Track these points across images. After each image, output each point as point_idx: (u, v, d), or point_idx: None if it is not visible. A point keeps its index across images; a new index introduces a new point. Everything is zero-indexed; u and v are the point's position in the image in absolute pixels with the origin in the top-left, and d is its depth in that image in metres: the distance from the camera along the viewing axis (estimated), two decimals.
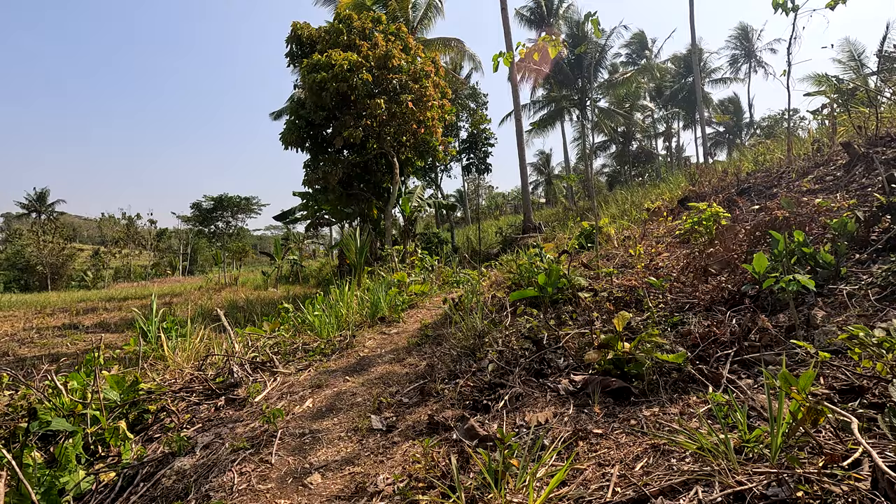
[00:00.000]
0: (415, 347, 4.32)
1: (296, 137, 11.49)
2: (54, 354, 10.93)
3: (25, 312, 19.59)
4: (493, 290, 6.46)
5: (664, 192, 16.63)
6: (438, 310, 6.97)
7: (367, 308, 6.11)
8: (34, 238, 43.03)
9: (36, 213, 71.51)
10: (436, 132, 12.06)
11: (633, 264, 5.72)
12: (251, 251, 43.96)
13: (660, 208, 10.90)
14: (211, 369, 4.77)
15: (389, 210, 12.28)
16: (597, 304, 3.97)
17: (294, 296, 19.04)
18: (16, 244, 44.06)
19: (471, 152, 18.85)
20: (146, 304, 20.98)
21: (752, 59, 52.00)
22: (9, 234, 55.27)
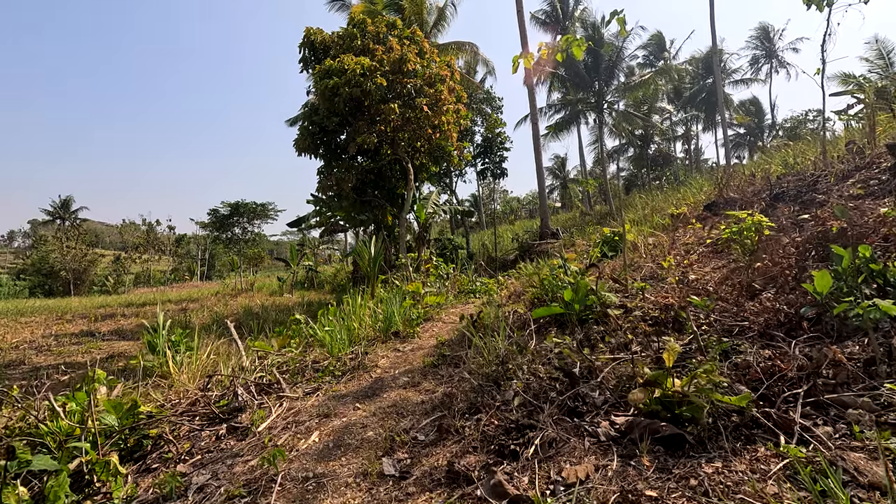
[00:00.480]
0: (431, 369, 4.00)
1: (309, 143, 11.33)
2: (68, 364, 10.89)
3: (47, 318, 19.81)
4: (512, 304, 6.13)
5: (686, 197, 16.09)
6: (455, 322, 6.66)
7: (381, 322, 5.83)
8: (58, 244, 43.97)
9: (60, 220, 73.16)
10: (451, 137, 11.78)
11: (663, 276, 5.34)
12: (267, 257, 44.20)
13: (685, 214, 10.44)
14: (216, 388, 4.53)
15: (404, 216, 12.03)
16: (630, 324, 3.62)
17: (309, 302, 18.93)
18: (41, 250, 45.08)
19: (486, 157, 18.54)
20: (164, 309, 21.08)
21: (773, 59, 50.84)
22: (35, 240, 56.62)
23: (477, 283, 10.68)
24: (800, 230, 4.28)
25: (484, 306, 7.13)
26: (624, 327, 3.63)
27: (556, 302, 4.37)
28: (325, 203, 12.20)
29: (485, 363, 3.26)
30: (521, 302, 6.53)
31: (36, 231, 74.37)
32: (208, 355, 5.86)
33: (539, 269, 7.60)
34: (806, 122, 52.15)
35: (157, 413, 3.90)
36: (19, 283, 45.66)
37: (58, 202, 74.64)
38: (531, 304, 5.30)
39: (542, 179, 17.76)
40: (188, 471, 2.82)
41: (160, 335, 6.45)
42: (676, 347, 2.19)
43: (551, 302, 4.50)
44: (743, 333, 3.01)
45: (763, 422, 2.00)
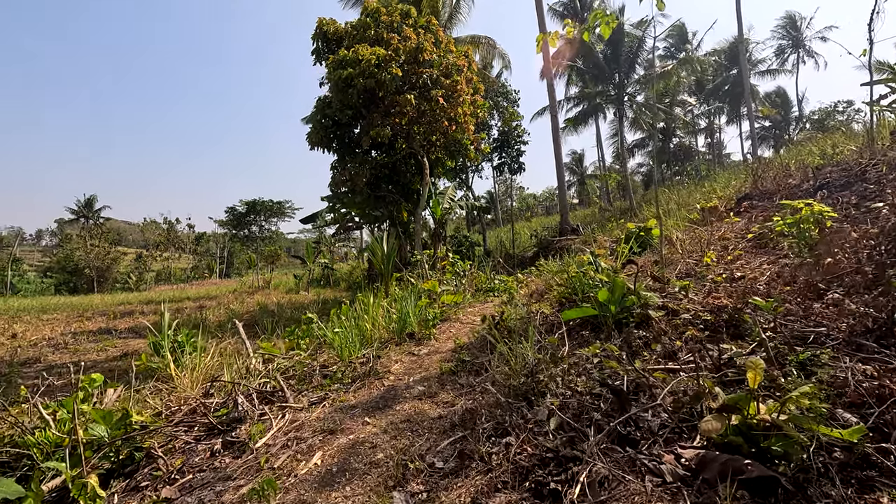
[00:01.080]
0: (449, 377, 3.60)
1: (322, 137, 11.02)
2: (83, 362, 10.80)
3: (68, 316, 20.01)
4: (536, 304, 5.70)
5: (714, 190, 15.40)
6: (473, 323, 6.25)
7: (395, 323, 5.46)
8: (82, 242, 44.84)
9: (84, 219, 74.71)
10: (468, 129, 11.34)
11: (703, 274, 4.85)
12: (283, 254, 44.38)
13: (716, 208, 9.83)
14: (218, 395, 4.22)
15: (419, 212, 11.65)
16: (676, 328, 3.17)
17: (324, 300, 18.75)
18: (66, 248, 46.14)
19: (503, 151, 18.04)
20: (182, 307, 21.17)
21: (800, 49, 49.12)
22: (61, 238, 58.02)
23: (495, 281, 10.25)
24: (871, 221, 3.76)
25: (505, 306, 6.71)
26: (668, 332, 3.17)
27: (588, 302, 3.93)
28: (339, 199, 11.89)
29: (511, 373, 2.84)
30: (545, 301, 6.10)
31: (62, 230, 76.26)
32: (213, 357, 5.55)
33: (564, 266, 7.13)
34: (835, 113, 50.27)
35: (152, 423, 3.58)
36: (46, 280, 46.81)
37: (82, 201, 76.23)
38: (558, 304, 4.85)
39: (562, 173, 17.19)
40: (173, 495, 2.47)
41: (165, 335, 6.18)
42: (760, 363, 1.75)
43: (582, 302, 4.06)
44: (819, 342, 2.54)
45: (880, 461, 1.55)
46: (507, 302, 7.39)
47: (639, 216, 19.42)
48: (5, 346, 13.83)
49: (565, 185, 17.26)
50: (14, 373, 9.67)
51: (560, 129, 22.46)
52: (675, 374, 2.42)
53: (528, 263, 16.02)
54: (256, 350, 6.82)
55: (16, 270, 50.72)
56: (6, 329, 15.61)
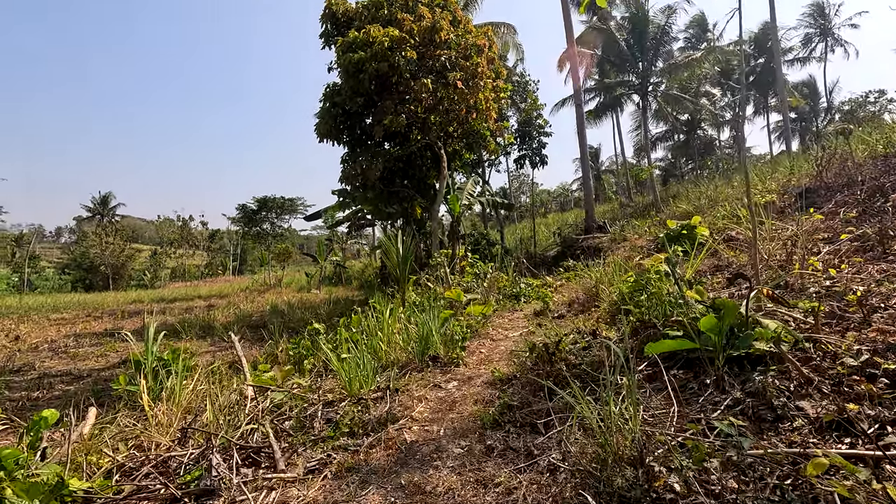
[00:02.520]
0: (493, 432, 2.66)
1: (331, 128, 10.12)
2: (77, 371, 10.11)
3: (77, 315, 19.49)
4: (580, 317, 4.74)
5: (755, 184, 14.23)
6: (505, 339, 5.30)
7: (415, 342, 4.53)
8: (97, 240, 44.96)
9: (99, 216, 75.29)
10: (489, 116, 10.34)
11: (803, 287, 3.83)
12: (295, 252, 43.90)
13: (773, 203, 8.73)
14: (196, 439, 3.34)
15: (436, 209, 10.68)
16: (822, 374, 2.19)
17: (335, 299, 17.94)
18: (81, 245, 46.35)
19: (523, 143, 16.99)
20: (192, 305, 20.58)
21: (828, 37, 47.09)
22: (79, 236, 58.45)
23: (521, 285, 9.28)
24: None
25: (541, 319, 5.75)
26: (817, 382, 2.18)
27: (673, 327, 2.95)
28: (350, 195, 10.99)
29: (601, 454, 1.88)
30: (591, 316, 5.14)
31: (80, 227, 77.10)
32: (199, 380, 4.67)
33: (612, 272, 6.11)
34: (866, 104, 48.09)
35: (99, 491, 2.71)
36: (64, 277, 47.09)
37: (97, 199, 76.85)
38: (636, 331, 3.86)
39: (587, 165, 16.07)
40: None
41: (149, 352, 5.29)
42: None
43: (664, 327, 3.07)
44: None
45: None
46: (541, 312, 6.43)
47: (665, 212, 18.24)
48: (6, 349, 13.23)
49: (591, 180, 16.16)
50: (1, 384, 8.97)
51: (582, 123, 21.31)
52: (863, 463, 1.45)
53: (552, 264, 14.99)
54: (253, 364, 5.97)
55: (33, 267, 51.18)
56: (12, 330, 15.08)
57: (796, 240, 4.90)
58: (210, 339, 12.82)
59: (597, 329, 3.97)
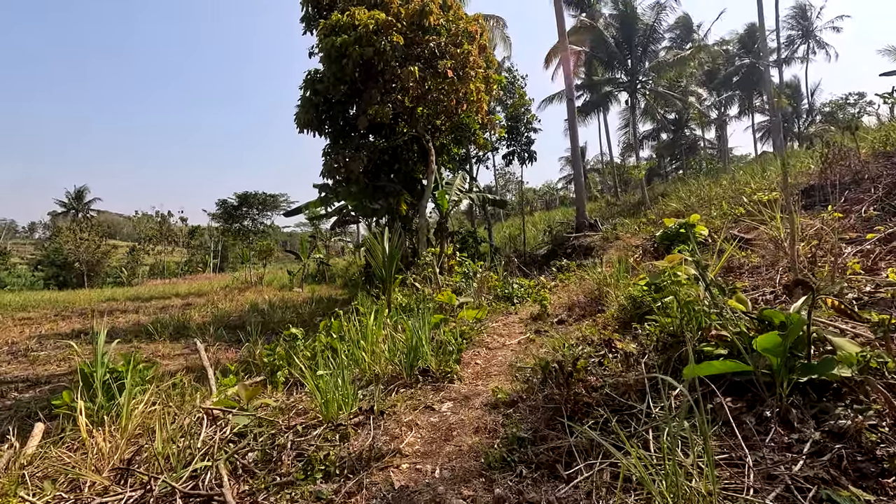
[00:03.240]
0: (502, 475, 2.15)
1: (312, 118, 9.46)
2: (35, 377, 9.35)
3: (46, 314, 18.45)
4: (583, 323, 4.25)
5: (747, 183, 13.99)
6: (503, 347, 4.79)
7: (402, 354, 3.99)
8: (71, 236, 43.50)
9: (74, 211, 72.94)
10: (481, 108, 9.81)
11: (840, 293, 3.40)
12: (277, 248, 42.93)
13: (776, 201, 8.37)
14: (139, 476, 2.77)
15: (423, 205, 10.11)
16: None
17: (318, 298, 17.27)
18: (55, 241, 44.90)
19: (511, 139, 16.52)
20: (168, 304, 19.67)
21: (810, 39, 47.73)
22: (53, 231, 56.59)
23: (514, 285, 8.78)
24: None
25: (541, 324, 5.25)
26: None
27: (718, 343, 2.47)
28: (332, 189, 10.35)
29: None
30: (597, 322, 4.66)
31: (55, 223, 74.56)
32: (156, 398, 4.08)
33: (625, 276, 5.64)
34: (846, 106, 48.85)
35: None
36: (37, 274, 45.49)
37: (72, 193, 74.43)
38: (620, 324, 3.38)
39: (579, 162, 15.66)
40: None
41: (98, 362, 4.64)
42: None
43: (700, 342, 2.59)
44: None
45: None
46: (538, 316, 5.95)
47: (655, 210, 17.98)
48: None
49: (583, 176, 15.76)
50: None
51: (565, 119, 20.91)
52: None
53: (542, 262, 14.56)
54: (224, 371, 5.38)
55: (4, 264, 49.33)
56: None
57: (822, 239, 4.50)
58: (184, 341, 12.09)
59: (611, 340, 3.48)
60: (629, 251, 10.50)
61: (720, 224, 9.53)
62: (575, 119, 15.64)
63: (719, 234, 8.83)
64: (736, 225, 8.60)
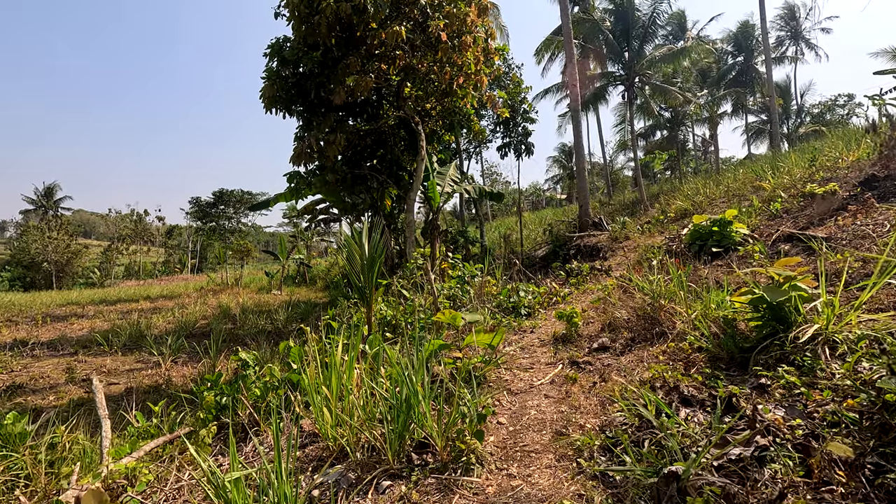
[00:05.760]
0: None
1: (279, 93, 7.88)
2: None
3: None
4: (660, 366, 2.81)
5: (763, 179, 12.82)
6: (531, 391, 3.34)
7: (385, 412, 2.50)
8: (39, 235, 41.26)
9: (43, 209, 69.79)
10: (480, 82, 8.32)
11: None
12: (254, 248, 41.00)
13: (834, 192, 7.09)
14: None
15: (412, 198, 8.59)
16: None
17: (296, 302, 15.68)
18: (21, 241, 42.80)
19: (507, 130, 15.13)
20: (134, 308, 17.82)
21: (799, 40, 47.56)
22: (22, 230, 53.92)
23: (519, 293, 7.32)
24: None
25: (572, 350, 3.77)
26: None
27: None
28: (304, 179, 8.75)
29: None
30: (659, 350, 3.25)
31: (27, 221, 71.27)
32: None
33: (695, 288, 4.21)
34: (835, 107, 48.76)
35: None
36: (3, 275, 43.07)
37: (41, 190, 71.16)
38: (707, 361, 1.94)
39: (582, 153, 14.30)
40: None
41: None
42: None
43: None
44: None
45: None
46: (566, 338, 4.52)
47: (657, 208, 16.78)
48: None
49: (585, 170, 14.45)
50: None
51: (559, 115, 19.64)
52: None
53: (540, 265, 13.18)
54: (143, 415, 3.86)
55: None
56: None
57: None
58: (138, 353, 10.46)
59: (736, 398, 2.05)
60: (647, 252, 9.16)
61: (757, 221, 8.25)
62: (578, 108, 14.30)
63: (759, 232, 7.55)
64: (788, 221, 7.29)
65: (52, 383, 8.02)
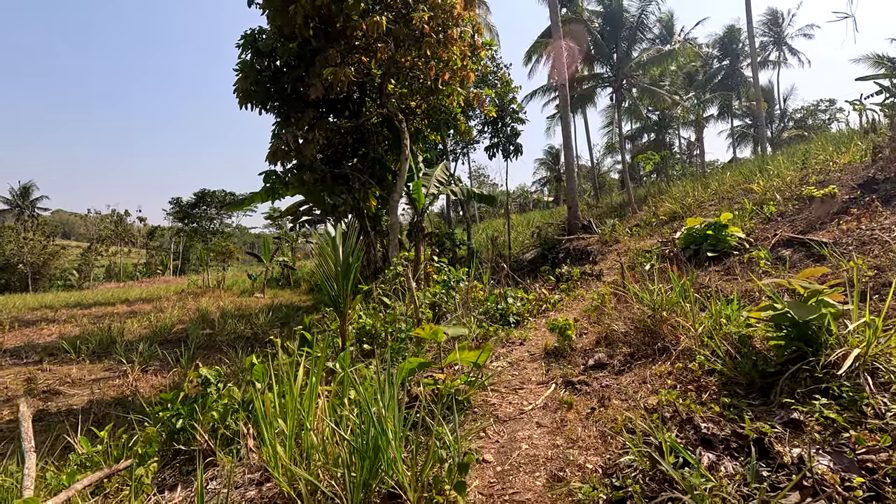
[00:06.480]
0: None
1: (253, 87, 7.39)
2: None
3: None
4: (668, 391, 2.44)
5: (755, 180, 12.65)
6: (521, 418, 2.95)
7: (346, 456, 2.09)
8: (14, 236, 40.04)
9: (19, 209, 67.81)
10: (467, 78, 7.93)
11: None
12: (238, 251, 40.14)
13: (833, 195, 6.85)
14: None
15: (395, 199, 8.12)
16: None
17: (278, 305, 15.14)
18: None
19: (495, 130, 14.79)
20: (110, 311, 17.08)
21: (782, 45, 48.20)
22: None
23: (507, 300, 6.94)
24: None
25: (566, 367, 3.37)
26: None
27: None
28: (281, 178, 8.26)
29: None
30: (662, 367, 2.89)
31: (3, 222, 69.19)
32: None
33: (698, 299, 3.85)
34: (817, 112, 49.52)
35: None
36: None
37: (16, 190, 69.18)
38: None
39: (572, 155, 14.01)
40: None
41: None
42: None
43: None
44: None
45: None
46: (558, 352, 4.15)
47: (645, 211, 16.58)
48: None
49: (575, 171, 14.17)
50: None
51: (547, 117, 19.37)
52: None
53: (529, 268, 12.85)
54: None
55: None
56: None
57: None
58: (107, 361, 9.86)
59: (766, 440, 1.69)
60: (639, 257, 8.86)
61: (751, 225, 8.00)
62: (567, 108, 14.01)
63: (754, 236, 7.29)
64: (784, 225, 7.02)
65: (8, 395, 7.44)
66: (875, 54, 33.30)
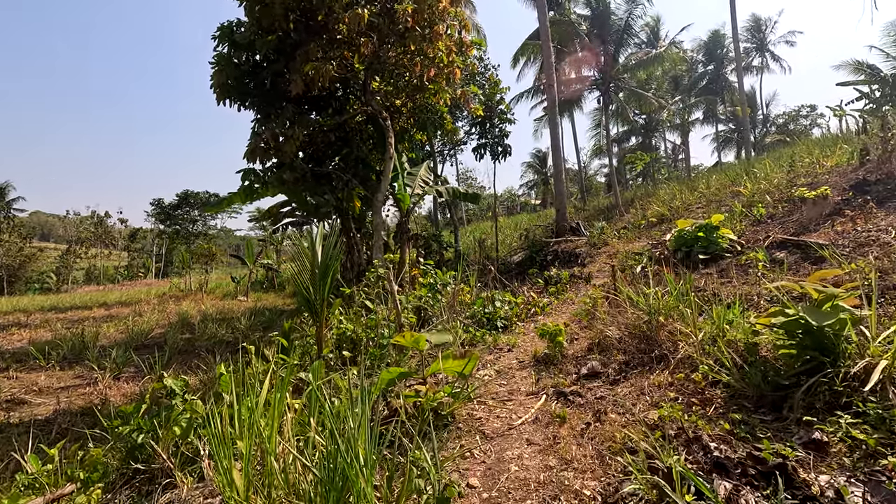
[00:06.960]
0: None
1: (231, 81, 7.06)
2: None
3: None
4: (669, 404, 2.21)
5: (742, 183, 12.62)
6: (510, 434, 2.70)
7: (310, 488, 1.83)
8: None
9: None
10: (453, 75, 7.69)
11: None
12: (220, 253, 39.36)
13: (825, 197, 6.74)
14: None
15: (380, 200, 7.83)
16: None
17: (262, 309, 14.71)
18: None
19: (483, 131, 14.58)
20: (87, 315, 16.45)
21: (765, 52, 48.95)
22: None
23: (495, 303, 6.71)
24: None
25: (557, 375, 3.12)
26: None
27: None
28: (259, 177, 7.90)
29: None
30: (662, 377, 2.67)
31: None
32: None
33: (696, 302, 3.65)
34: (799, 117, 50.42)
35: None
36: None
37: None
38: None
39: (560, 157, 13.86)
40: None
41: None
42: None
43: None
44: None
45: None
46: (548, 359, 3.92)
47: (633, 213, 16.51)
48: None
49: (563, 173, 14.02)
50: None
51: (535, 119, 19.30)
52: None
53: (517, 271, 12.65)
54: None
55: None
56: None
57: None
58: (79, 368, 9.40)
59: (790, 466, 1.47)
60: (629, 259, 8.71)
61: (742, 227, 7.89)
62: (555, 107, 13.88)
63: (745, 238, 7.17)
64: (775, 227, 6.89)
65: None
66: (855, 61, 33.99)
